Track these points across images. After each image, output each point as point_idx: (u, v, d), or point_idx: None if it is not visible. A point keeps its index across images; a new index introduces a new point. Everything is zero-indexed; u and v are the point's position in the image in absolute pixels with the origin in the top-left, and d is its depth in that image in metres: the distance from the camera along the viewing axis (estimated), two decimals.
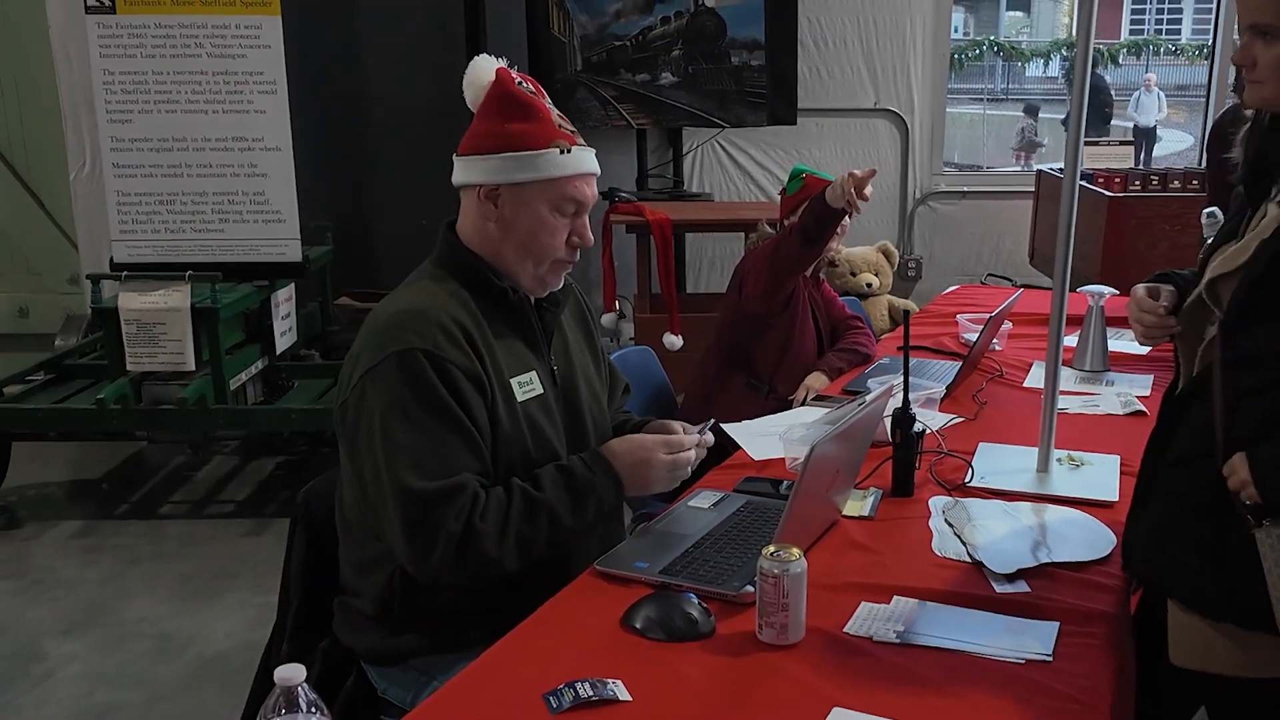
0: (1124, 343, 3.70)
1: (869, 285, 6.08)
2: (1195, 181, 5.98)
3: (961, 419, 3.09)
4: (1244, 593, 1.84)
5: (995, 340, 3.73)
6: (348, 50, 6.55)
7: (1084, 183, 3.54)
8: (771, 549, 1.88)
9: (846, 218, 3.44)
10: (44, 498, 5.44)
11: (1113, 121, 14.95)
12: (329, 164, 6.37)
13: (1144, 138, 13.53)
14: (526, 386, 2.26)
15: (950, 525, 2.36)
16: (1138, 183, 6.08)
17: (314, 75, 6.04)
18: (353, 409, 2.14)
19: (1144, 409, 3.14)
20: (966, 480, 2.62)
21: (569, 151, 2.24)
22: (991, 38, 22.65)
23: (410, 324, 2.13)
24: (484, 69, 2.26)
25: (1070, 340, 3.39)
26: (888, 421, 2.59)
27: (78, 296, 6.28)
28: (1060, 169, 6.22)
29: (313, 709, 1.50)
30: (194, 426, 5.21)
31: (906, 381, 2.57)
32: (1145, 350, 3.68)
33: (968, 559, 2.21)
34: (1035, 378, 3.43)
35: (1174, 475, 2.00)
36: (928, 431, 2.75)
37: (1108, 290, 3.48)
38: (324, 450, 5.88)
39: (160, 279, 4.96)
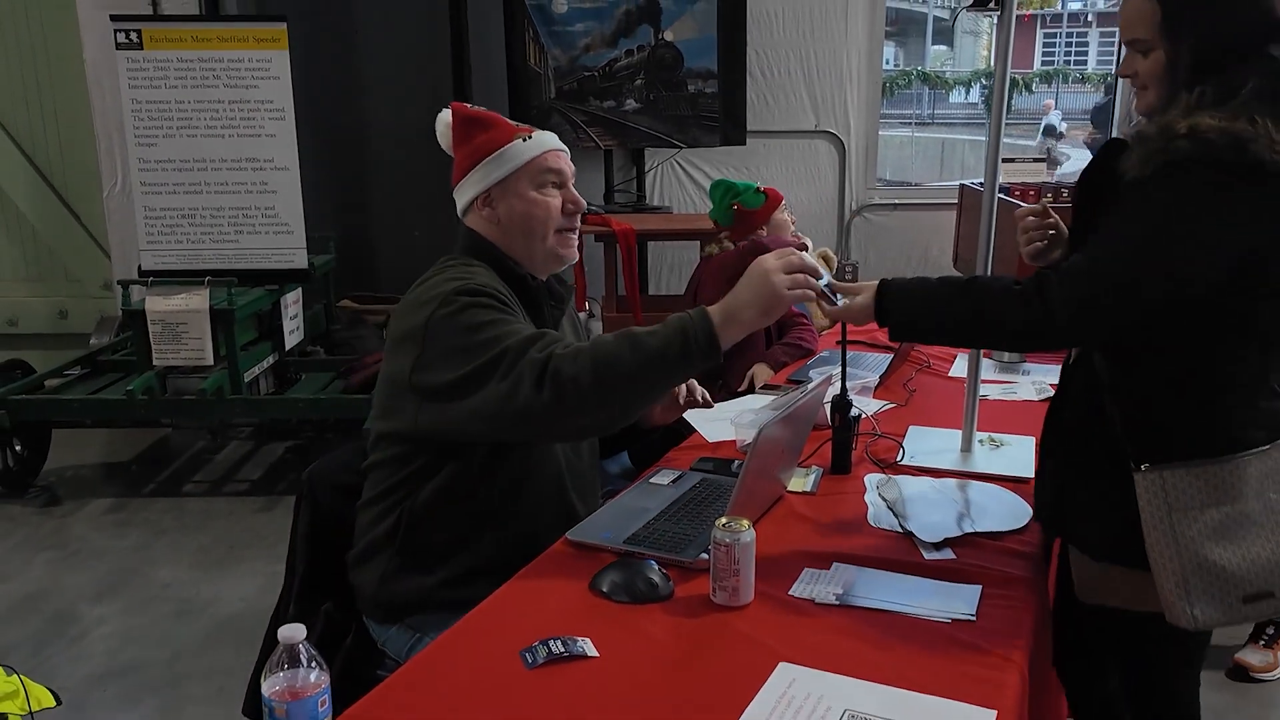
0: None
1: None
2: None
3: (894, 405, 3.07)
4: (1126, 536, 1.83)
5: None
6: (348, 82, 6.55)
7: (1002, 195, 3.52)
8: (724, 521, 1.85)
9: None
10: (80, 478, 5.39)
11: (1023, 141, 14.97)
12: (332, 182, 6.35)
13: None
14: None
15: (884, 499, 2.35)
16: (1049, 195, 6.08)
17: (318, 104, 6.03)
18: (426, 347, 2.06)
19: None
20: (898, 459, 2.61)
21: (530, 138, 2.26)
22: (919, 68, 22.69)
23: (453, 278, 2.12)
24: (444, 116, 2.32)
25: None
26: (827, 407, 2.58)
27: (110, 300, 6.26)
28: (980, 183, 6.23)
29: (312, 663, 1.49)
30: (212, 415, 5.19)
31: (844, 372, 2.56)
32: None
33: (899, 529, 2.19)
34: (959, 368, 3.43)
35: (1069, 432, 2.02)
36: (863, 416, 2.74)
37: None
38: (328, 435, 5.89)
39: (182, 284, 4.97)
